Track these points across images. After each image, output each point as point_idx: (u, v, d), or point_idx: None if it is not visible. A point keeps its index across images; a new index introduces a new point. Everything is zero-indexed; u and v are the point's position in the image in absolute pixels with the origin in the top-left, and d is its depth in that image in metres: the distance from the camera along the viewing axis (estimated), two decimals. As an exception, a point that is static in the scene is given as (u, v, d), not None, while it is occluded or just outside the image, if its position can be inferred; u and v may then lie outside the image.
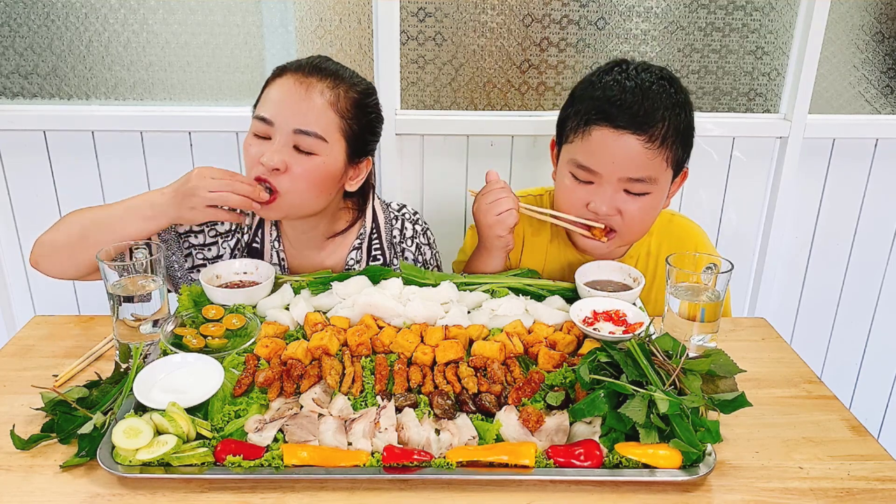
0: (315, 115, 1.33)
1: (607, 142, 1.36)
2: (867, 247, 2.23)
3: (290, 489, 0.95)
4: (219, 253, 1.51)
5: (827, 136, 2.07)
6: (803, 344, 2.32)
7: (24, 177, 1.99)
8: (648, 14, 1.95)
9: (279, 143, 1.33)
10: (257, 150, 1.35)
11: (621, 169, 1.36)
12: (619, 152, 1.35)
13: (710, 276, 1.20)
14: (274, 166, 1.32)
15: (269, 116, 1.33)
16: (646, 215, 1.44)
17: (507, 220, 1.42)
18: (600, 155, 1.37)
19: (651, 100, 1.35)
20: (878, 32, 2.02)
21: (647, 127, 1.34)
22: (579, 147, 1.40)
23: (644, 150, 1.35)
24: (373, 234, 1.54)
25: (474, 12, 1.92)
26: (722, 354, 1.10)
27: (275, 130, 1.34)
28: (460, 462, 0.96)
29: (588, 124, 1.38)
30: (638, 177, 1.37)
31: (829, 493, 0.97)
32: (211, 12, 1.89)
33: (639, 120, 1.34)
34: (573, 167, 1.42)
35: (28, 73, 1.91)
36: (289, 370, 1.11)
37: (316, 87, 1.34)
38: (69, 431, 1.03)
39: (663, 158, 1.37)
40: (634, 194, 1.39)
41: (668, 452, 0.97)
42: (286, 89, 1.34)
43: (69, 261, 1.36)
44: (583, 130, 1.39)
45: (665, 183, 1.42)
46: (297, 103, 1.33)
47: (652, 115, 1.34)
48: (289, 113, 1.33)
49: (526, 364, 1.19)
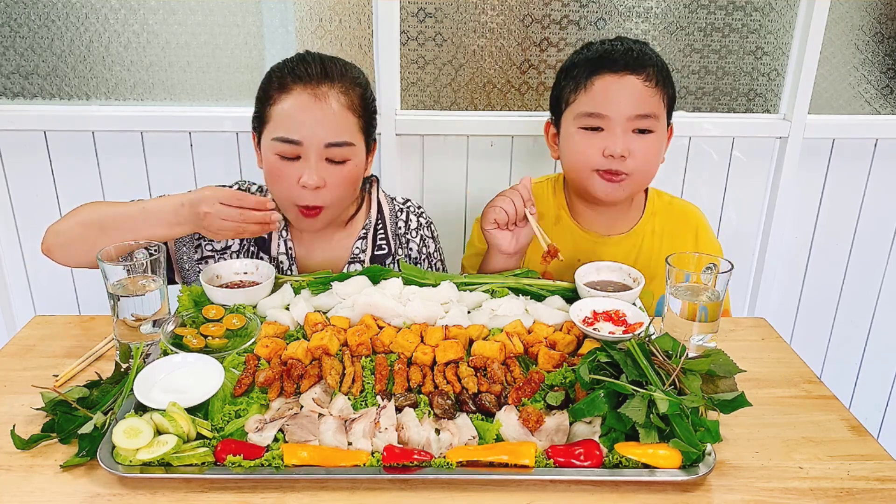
0: (340, 124, 1.36)
1: (611, 86, 1.47)
2: (867, 247, 2.23)
3: (291, 489, 0.95)
4: (227, 244, 1.51)
5: (827, 137, 2.07)
6: (803, 344, 2.32)
7: (24, 177, 1.99)
8: (648, 14, 1.95)
9: (313, 160, 1.35)
10: (290, 172, 1.36)
11: (629, 107, 1.46)
12: (624, 92, 1.46)
13: (710, 276, 1.21)
14: (316, 185, 1.35)
15: (298, 138, 1.34)
16: (652, 156, 1.51)
17: (488, 214, 1.46)
18: (607, 99, 1.47)
19: (638, 51, 1.50)
20: (877, 33, 2.02)
21: (643, 67, 1.47)
22: (584, 100, 1.49)
23: (645, 87, 1.47)
24: (378, 224, 1.56)
25: (474, 13, 1.92)
26: (722, 354, 1.10)
27: (304, 149, 1.35)
28: (460, 462, 0.96)
29: (589, 77, 1.48)
30: (644, 112, 1.47)
31: (829, 493, 0.97)
32: (211, 12, 1.89)
33: (636, 62, 1.47)
34: (582, 119, 1.50)
35: (28, 73, 1.91)
36: (289, 370, 1.11)
37: (331, 96, 1.35)
38: (69, 431, 1.03)
39: (660, 98, 1.49)
40: (642, 132, 1.48)
41: (668, 452, 0.97)
42: (304, 105, 1.34)
43: (84, 254, 1.36)
44: (585, 85, 1.49)
45: (663, 124, 1.52)
46: (321, 117, 1.34)
47: (645, 58, 1.48)
48: (316, 129, 1.34)
49: (526, 364, 1.19)
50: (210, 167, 2.00)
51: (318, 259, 1.55)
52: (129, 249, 1.26)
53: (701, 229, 1.66)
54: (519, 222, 1.47)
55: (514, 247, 1.48)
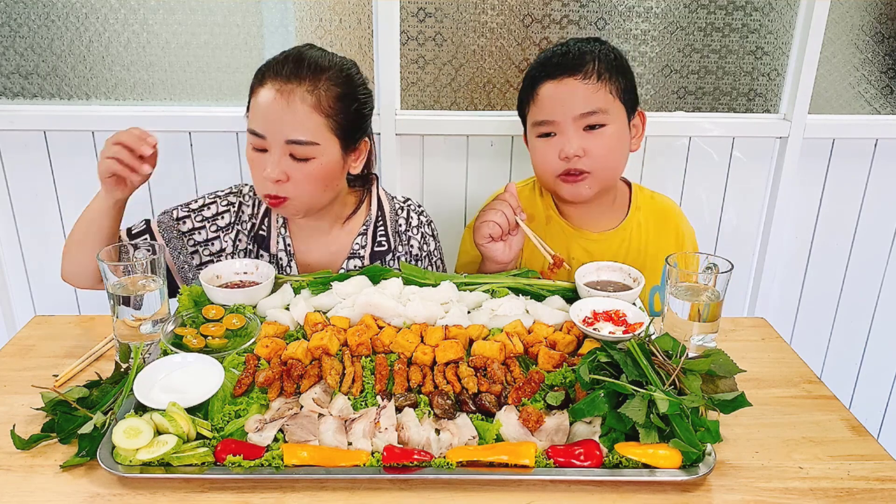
0: (302, 123, 1.35)
1: (552, 92, 1.51)
2: (867, 247, 2.23)
3: (291, 489, 0.95)
4: (222, 247, 1.52)
5: (827, 137, 2.07)
6: (803, 344, 2.32)
7: (24, 177, 1.99)
8: (648, 14, 1.95)
9: (275, 155, 1.37)
10: (259, 163, 1.39)
11: (571, 108, 1.49)
12: (565, 96, 1.49)
13: (710, 276, 1.21)
14: (276, 179, 1.37)
15: (260, 131, 1.37)
16: (611, 149, 1.52)
17: (481, 229, 1.47)
18: (551, 105, 1.51)
19: (578, 49, 1.52)
20: (877, 33, 2.02)
21: (580, 67, 1.49)
22: (534, 110, 1.54)
23: (584, 86, 1.48)
24: (378, 221, 1.56)
25: (474, 12, 1.92)
26: (722, 354, 1.10)
27: (268, 143, 1.37)
28: (460, 462, 0.96)
29: (534, 87, 1.53)
30: (588, 110, 1.48)
31: (829, 493, 0.97)
32: (211, 12, 1.89)
33: (572, 63, 1.49)
34: (535, 128, 1.55)
35: (28, 73, 1.91)
36: (289, 370, 1.11)
37: (296, 94, 1.35)
38: (69, 431, 1.03)
39: (606, 91, 1.49)
40: (593, 128, 1.50)
41: (668, 452, 0.97)
42: (269, 101, 1.36)
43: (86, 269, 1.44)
44: (532, 96, 1.54)
45: (619, 115, 1.52)
46: (282, 115, 1.35)
47: (581, 58, 1.50)
48: (277, 125, 1.35)
49: (526, 364, 1.19)
50: (210, 167, 2.00)
51: (317, 255, 1.55)
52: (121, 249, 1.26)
53: (681, 220, 1.71)
54: (511, 231, 1.49)
55: (509, 255, 1.50)
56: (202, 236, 1.52)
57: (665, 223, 1.68)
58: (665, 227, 1.68)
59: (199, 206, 1.53)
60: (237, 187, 1.58)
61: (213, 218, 1.52)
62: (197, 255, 1.52)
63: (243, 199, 1.55)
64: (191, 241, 1.51)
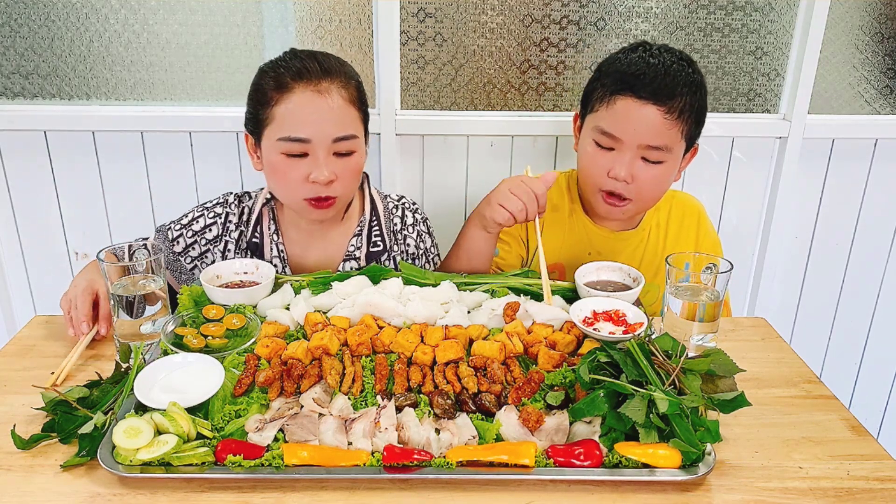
0: (344, 118, 1.38)
1: (630, 110, 1.46)
2: (867, 247, 2.23)
3: (291, 489, 0.95)
4: (213, 259, 1.53)
5: (826, 137, 2.07)
6: (803, 344, 2.32)
7: (24, 177, 1.99)
8: (648, 14, 1.95)
9: (322, 156, 1.37)
10: (298, 169, 1.38)
11: (641, 136, 1.46)
12: (641, 120, 1.46)
13: (710, 276, 1.21)
14: (328, 180, 1.37)
15: (306, 136, 1.35)
16: (658, 184, 1.53)
17: (498, 212, 1.42)
18: (623, 122, 1.47)
19: (672, 76, 1.45)
20: (877, 33, 2.02)
21: (666, 100, 1.44)
22: (604, 115, 1.50)
23: (663, 120, 1.45)
24: (372, 221, 1.56)
25: (474, 13, 1.92)
26: (722, 354, 1.10)
27: (313, 146, 1.36)
28: (460, 462, 0.96)
29: (613, 94, 1.48)
30: (656, 144, 1.46)
31: (829, 493, 0.97)
32: (211, 12, 1.89)
33: (660, 93, 1.44)
34: (597, 134, 1.51)
35: (29, 73, 1.91)
36: (289, 370, 1.11)
37: (333, 90, 1.37)
38: (70, 431, 1.03)
39: (679, 130, 1.47)
40: (650, 162, 1.49)
41: (668, 452, 0.97)
42: (308, 103, 1.35)
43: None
44: (608, 100, 1.49)
45: (678, 154, 1.52)
46: (327, 113, 1.36)
47: (672, 90, 1.45)
48: (324, 126, 1.36)
49: (526, 364, 1.19)
50: (210, 167, 2.00)
51: (312, 260, 1.55)
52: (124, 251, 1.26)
53: (702, 219, 1.71)
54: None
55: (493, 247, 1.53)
56: (196, 251, 1.53)
57: (685, 222, 1.69)
58: (685, 225, 1.69)
59: (188, 220, 1.53)
60: (224, 196, 1.58)
61: (202, 231, 1.52)
62: (197, 269, 1.53)
63: (229, 209, 1.54)
64: (187, 259, 1.53)
